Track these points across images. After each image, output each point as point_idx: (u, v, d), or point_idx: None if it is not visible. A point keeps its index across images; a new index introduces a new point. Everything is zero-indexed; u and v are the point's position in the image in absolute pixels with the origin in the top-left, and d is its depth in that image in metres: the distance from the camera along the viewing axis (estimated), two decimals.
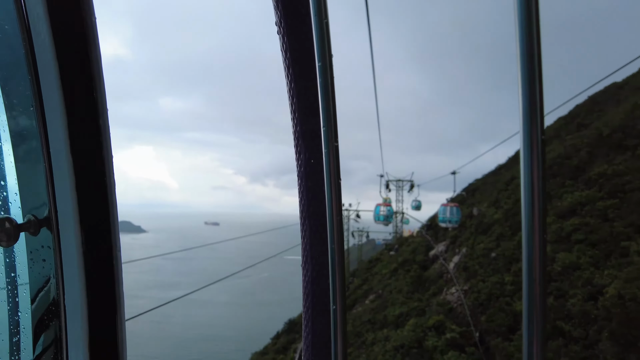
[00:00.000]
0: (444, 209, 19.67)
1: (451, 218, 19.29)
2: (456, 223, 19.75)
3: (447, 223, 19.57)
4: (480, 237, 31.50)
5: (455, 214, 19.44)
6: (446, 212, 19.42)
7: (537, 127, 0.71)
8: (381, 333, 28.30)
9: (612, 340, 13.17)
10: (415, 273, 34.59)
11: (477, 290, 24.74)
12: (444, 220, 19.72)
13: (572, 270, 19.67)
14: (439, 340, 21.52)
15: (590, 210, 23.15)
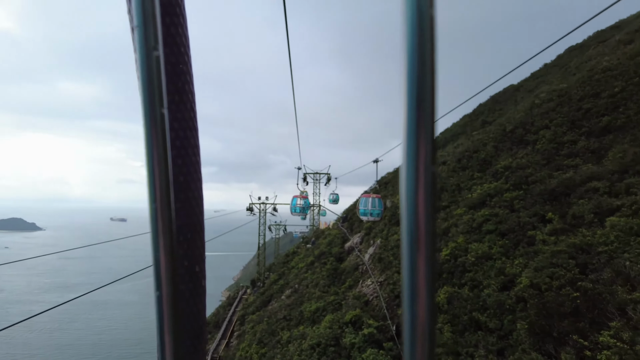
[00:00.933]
0: (364, 200, 17.71)
1: (372, 210, 17.55)
2: (378, 216, 18.05)
3: (368, 216, 17.70)
4: (394, 228, 31.39)
5: (377, 206, 17.80)
6: (367, 203, 17.50)
7: (427, 132, 0.50)
8: (297, 331, 26.81)
9: (528, 330, 12.82)
10: (332, 266, 33.66)
11: (392, 281, 24.22)
12: (364, 212, 17.76)
13: (484, 260, 19.71)
14: (356, 337, 20.49)
15: (499, 201, 23.69)
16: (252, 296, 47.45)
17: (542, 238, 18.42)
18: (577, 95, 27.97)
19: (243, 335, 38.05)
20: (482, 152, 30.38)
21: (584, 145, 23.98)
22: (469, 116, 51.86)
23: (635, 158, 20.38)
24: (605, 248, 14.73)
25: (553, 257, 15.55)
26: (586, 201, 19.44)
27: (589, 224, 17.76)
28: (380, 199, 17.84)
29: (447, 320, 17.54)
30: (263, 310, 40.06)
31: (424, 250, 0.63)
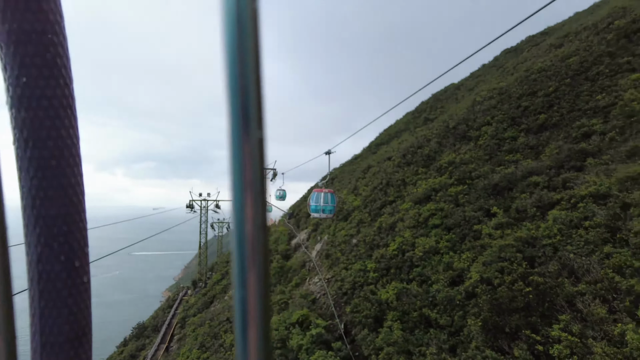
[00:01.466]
0: (316, 195, 15.88)
1: (325, 206, 15.82)
2: (331, 212, 16.34)
3: (319, 213, 15.83)
4: (341, 223, 30.80)
5: (330, 202, 16.22)
6: (319, 199, 15.70)
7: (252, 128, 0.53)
8: None
9: (481, 327, 12.49)
10: (278, 264, 32.46)
11: (340, 278, 23.52)
12: (316, 209, 15.83)
13: (432, 255, 19.49)
14: (303, 338, 19.50)
15: (443, 196, 23.71)
16: (193, 297, 45.08)
17: (488, 232, 18.46)
18: (516, 94, 28.79)
19: (184, 339, 35.86)
20: (426, 148, 30.53)
21: (523, 142, 24.60)
22: (411, 113, 52.66)
23: (570, 154, 21.08)
24: (549, 241, 14.84)
25: (501, 251, 15.47)
26: (528, 195, 19.79)
27: (532, 217, 18.00)
28: (334, 194, 16.41)
29: (397, 317, 17.04)
30: (205, 312, 38.04)
31: (255, 268, 0.56)
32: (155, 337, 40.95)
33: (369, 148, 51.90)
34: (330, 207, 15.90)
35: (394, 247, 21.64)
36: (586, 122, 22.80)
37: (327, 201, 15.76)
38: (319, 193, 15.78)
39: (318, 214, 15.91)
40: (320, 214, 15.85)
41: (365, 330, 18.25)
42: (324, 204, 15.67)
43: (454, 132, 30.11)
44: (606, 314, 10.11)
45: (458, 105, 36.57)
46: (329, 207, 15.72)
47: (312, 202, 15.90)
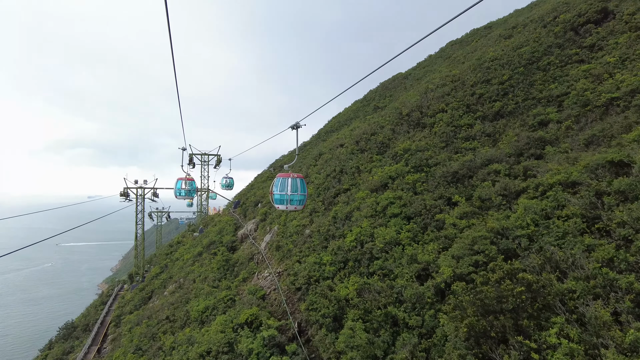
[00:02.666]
0: (281, 182, 12.78)
1: (293, 196, 12.67)
2: (300, 203, 12.99)
3: (286, 204, 12.76)
4: (293, 212, 28.46)
5: (300, 190, 12.81)
6: (285, 186, 12.66)
7: None
8: (182, 334, 22.39)
9: (463, 331, 10.78)
10: (223, 257, 29.51)
11: (293, 272, 21.24)
12: (281, 199, 12.73)
13: (393, 246, 17.75)
14: (254, 341, 17.07)
15: (400, 183, 22.10)
16: (129, 293, 40.80)
17: (452, 221, 16.99)
18: (469, 81, 27.84)
19: (119, 339, 31.98)
20: (380, 135, 28.89)
21: (479, 129, 23.57)
22: (360, 102, 51.15)
23: (529, 142, 20.20)
24: (523, 232, 13.48)
25: (474, 243, 13.94)
26: (490, 183, 18.59)
27: (498, 206, 16.76)
28: (304, 180, 13.10)
29: (359, 317, 15.08)
30: (143, 309, 34.23)
31: None
32: (86, 337, 36.47)
33: (318, 135, 49.81)
34: (300, 196, 12.83)
35: (352, 239, 19.70)
36: (542, 110, 22.12)
37: (295, 189, 12.72)
38: (285, 179, 12.72)
39: (284, 206, 12.77)
40: (287, 205, 12.74)
41: (323, 330, 16.16)
42: (292, 192, 12.69)
43: (408, 119, 28.71)
44: (610, 316, 8.68)
45: (409, 93, 35.36)
46: (297, 196, 12.73)
47: (277, 190, 12.75)
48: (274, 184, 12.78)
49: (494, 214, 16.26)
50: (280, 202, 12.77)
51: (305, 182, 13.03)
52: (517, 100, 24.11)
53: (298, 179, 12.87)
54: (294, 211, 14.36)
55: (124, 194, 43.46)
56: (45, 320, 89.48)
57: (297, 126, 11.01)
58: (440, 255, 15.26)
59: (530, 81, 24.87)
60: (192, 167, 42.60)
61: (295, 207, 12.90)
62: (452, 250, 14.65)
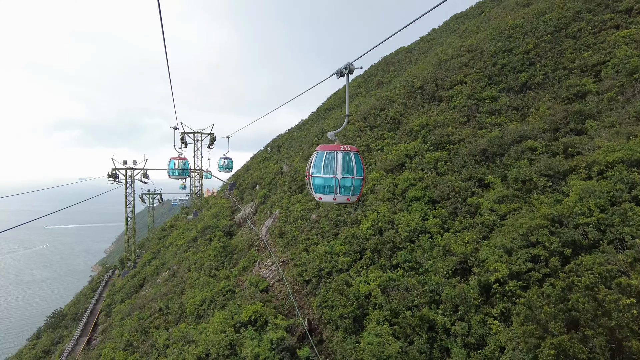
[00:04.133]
0: (327, 158, 8.34)
1: (345, 181, 8.13)
2: (355, 192, 8.37)
3: (334, 193, 8.18)
4: (296, 195, 25.85)
5: (357, 170, 8.24)
6: (333, 164, 8.18)
7: None
8: (177, 330, 19.97)
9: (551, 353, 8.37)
10: (220, 243, 26.90)
11: (300, 262, 18.77)
12: (325, 186, 8.24)
13: (419, 235, 15.30)
14: (259, 344, 14.64)
15: (420, 163, 19.53)
16: (120, 279, 38.23)
17: (489, 206, 14.51)
18: (489, 51, 25.03)
19: (109, 329, 29.56)
20: (390, 110, 26.14)
21: (505, 102, 20.92)
22: (361, 77, 48.03)
23: (567, 115, 17.66)
24: (586, 219, 11.06)
25: (529, 234, 11.47)
26: (526, 162, 16.10)
27: (542, 189, 14.29)
28: (359, 155, 8.48)
29: (385, 319, 12.70)
30: (134, 297, 31.75)
31: None
32: (75, 327, 33.98)
33: (317, 113, 46.82)
34: (356, 181, 8.19)
35: (368, 225, 17.19)
36: (577, 81, 19.48)
37: (348, 169, 8.09)
38: (332, 154, 8.30)
39: (330, 196, 8.18)
40: (336, 194, 8.15)
41: (340, 332, 13.78)
42: (344, 174, 8.03)
43: (421, 93, 25.92)
44: None
45: (418, 66, 32.45)
46: (352, 181, 8.12)
47: (318, 171, 8.29)
48: (313, 161, 8.52)
49: (539, 198, 13.81)
50: (324, 191, 8.28)
51: (361, 159, 8.52)
52: (545, 71, 21.43)
53: (352, 153, 8.28)
54: (345, 204, 9.84)
55: (112, 176, 40.39)
56: (42, 303, 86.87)
57: (349, 69, 7.50)
58: (482, 247, 12.82)
59: (560, 50, 22.15)
60: (185, 146, 39.58)
61: (347, 197, 8.25)
62: (497, 241, 12.20)
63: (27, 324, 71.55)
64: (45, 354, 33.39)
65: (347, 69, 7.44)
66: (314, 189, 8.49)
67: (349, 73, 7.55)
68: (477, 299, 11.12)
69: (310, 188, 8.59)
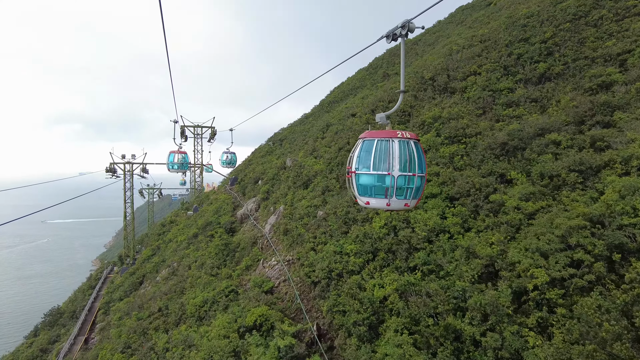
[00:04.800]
0: (378, 148, 6.31)
1: (404, 178, 6.13)
2: (416, 194, 6.43)
3: (387, 195, 6.20)
4: (301, 191, 24.67)
5: (417, 166, 6.25)
6: (387, 156, 6.15)
7: None
8: (177, 332, 18.89)
9: None
10: (221, 240, 25.74)
11: (308, 262, 17.64)
12: (375, 186, 6.33)
13: (438, 235, 14.16)
14: (266, 351, 13.54)
15: (434, 157, 18.38)
16: (119, 276, 37.12)
17: (515, 204, 13.36)
18: (503, 40, 23.75)
19: (108, 328, 28.50)
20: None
21: (523, 94, 19.70)
22: (365, 69, 46.69)
23: (593, 107, 16.47)
24: (632, 220, 9.90)
25: (567, 235, 10.32)
26: (551, 157, 14.95)
27: (572, 185, 13.14)
28: (419, 145, 6.62)
29: (404, 326, 11.60)
30: (133, 295, 30.64)
31: None
32: (73, 326, 32.91)
33: (320, 106, 45.52)
34: (418, 179, 6.23)
35: (381, 224, 16.03)
36: (602, 70, 18.28)
37: (408, 164, 6.17)
38: (384, 142, 6.37)
39: (382, 200, 6.22)
40: (390, 198, 6.15)
41: (353, 340, 12.69)
42: (403, 171, 6.10)
43: (432, 84, 24.68)
44: None
45: (427, 57, 31.16)
46: (412, 180, 6.18)
47: (364, 166, 6.37)
48: (358, 153, 6.56)
49: (570, 195, 12.67)
50: (373, 193, 6.29)
51: (423, 150, 6.60)
52: (565, 61, 20.21)
53: (412, 141, 6.41)
54: (405, 210, 6.83)
55: (111, 170, 39.14)
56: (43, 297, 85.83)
57: (408, 28, 5.82)
58: (510, 248, 11.67)
59: (580, 38, 20.91)
60: (185, 140, 38.33)
61: (406, 203, 6.27)
62: (528, 242, 11.03)
63: (27, 319, 70.65)
64: (42, 353, 32.36)
65: (406, 27, 6.01)
66: (359, 191, 6.50)
67: (407, 33, 6.13)
68: (509, 307, 9.99)
69: (352, 189, 6.66)
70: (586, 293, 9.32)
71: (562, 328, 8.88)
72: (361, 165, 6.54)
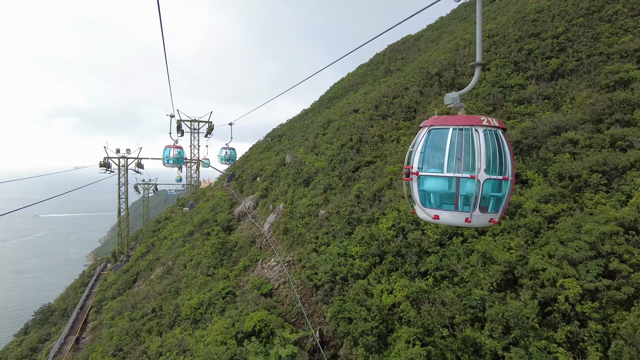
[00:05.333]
0: (454, 139, 4.80)
1: (489, 186, 4.67)
2: (503, 204, 4.94)
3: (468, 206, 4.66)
4: (301, 189, 23.74)
5: (503, 164, 4.72)
6: (475, 151, 4.55)
7: None
8: (171, 335, 17.97)
9: None
10: (218, 239, 24.76)
11: (310, 264, 16.74)
12: (446, 195, 4.85)
13: (450, 238, 13.29)
14: None
15: None
16: (112, 274, 36.06)
17: (533, 206, 12.50)
18: (513, 36, 22.87)
19: (100, 328, 27.52)
20: (405, 97, 24.00)
21: (535, 91, 18.85)
22: (366, 65, 45.73)
23: (611, 105, 15.63)
24: None
25: (600, 242, 9.45)
26: (569, 156, 14.12)
27: (596, 187, 12.31)
28: (505, 135, 4.97)
29: (417, 337, 10.73)
30: (127, 294, 29.64)
31: None
32: (64, 324, 31.88)
33: (320, 102, 44.53)
34: (504, 184, 4.76)
35: (388, 225, 15.14)
36: (619, 67, 17.44)
37: (498, 163, 4.68)
38: (466, 132, 4.81)
39: (462, 214, 4.64)
40: (473, 211, 4.56)
41: (360, 350, 11.81)
42: (491, 173, 4.58)
43: (439, 79, 23.79)
44: None
45: (431, 52, 30.27)
46: (500, 184, 4.74)
47: (435, 167, 4.89)
48: (422, 147, 5.14)
49: (593, 197, 11.83)
50: (442, 203, 4.88)
51: (509, 143, 5.00)
52: (579, 57, 19.36)
53: (500, 131, 4.98)
54: (488, 226, 5.67)
55: (105, 165, 37.97)
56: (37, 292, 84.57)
57: None
58: (530, 254, 10.81)
59: (594, 34, 20.06)
60: (181, 135, 37.22)
61: (491, 217, 4.81)
62: (552, 248, 10.16)
63: (19, 315, 69.45)
64: (31, 352, 31.31)
65: None
66: (423, 200, 4.86)
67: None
68: (534, 320, 9.13)
69: (413, 197, 4.98)
70: (619, 306, 8.51)
71: (596, 344, 8.04)
72: (427, 165, 4.97)
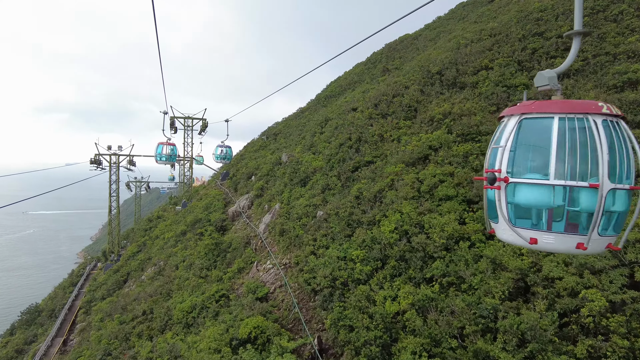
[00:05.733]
0: (560, 133, 3.45)
1: (613, 196, 3.36)
2: (620, 224, 3.63)
3: (591, 232, 3.23)
4: (298, 189, 23.02)
5: (627, 165, 3.45)
6: (595, 149, 3.25)
7: None
8: (162, 340, 17.18)
9: None
10: (212, 239, 23.95)
11: (308, 268, 16.05)
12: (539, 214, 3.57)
13: (457, 242, 12.67)
14: None
15: (447, 156, 16.87)
16: (102, 273, 35.05)
17: None
18: (516, 35, 22.35)
19: (88, 330, 26.61)
20: (405, 96, 23.37)
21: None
22: (363, 64, 45.09)
23: (621, 105, 15.10)
24: None
25: (622, 250, 8.88)
26: None
27: None
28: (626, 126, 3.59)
29: (423, 348, 10.08)
30: (117, 295, 28.74)
31: None
32: (51, 326, 30.85)
33: (317, 100, 43.79)
34: (624, 195, 3.42)
35: (391, 228, 14.48)
36: (627, 67, 16.96)
37: (623, 168, 3.33)
38: (579, 121, 3.51)
39: (574, 237, 3.28)
40: (591, 233, 3.21)
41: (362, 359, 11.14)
42: (617, 181, 3.28)
43: (440, 78, 23.20)
44: None
45: (431, 51, 29.69)
46: (626, 195, 3.45)
47: (533, 171, 3.57)
48: (511, 144, 3.78)
49: None
50: (549, 222, 3.48)
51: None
52: (585, 57, 18.86)
53: (622, 122, 3.62)
54: (595, 253, 4.67)
55: (96, 162, 36.91)
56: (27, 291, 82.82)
57: None
58: (544, 261, 10.20)
59: (600, 34, 19.59)
60: (174, 132, 36.29)
61: (609, 241, 3.46)
62: (568, 256, 9.58)
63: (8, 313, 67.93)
64: (17, 354, 30.26)
65: None
66: (514, 217, 3.57)
67: None
68: (552, 332, 8.52)
69: (500, 211, 3.59)
70: None
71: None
72: (521, 168, 3.69)
